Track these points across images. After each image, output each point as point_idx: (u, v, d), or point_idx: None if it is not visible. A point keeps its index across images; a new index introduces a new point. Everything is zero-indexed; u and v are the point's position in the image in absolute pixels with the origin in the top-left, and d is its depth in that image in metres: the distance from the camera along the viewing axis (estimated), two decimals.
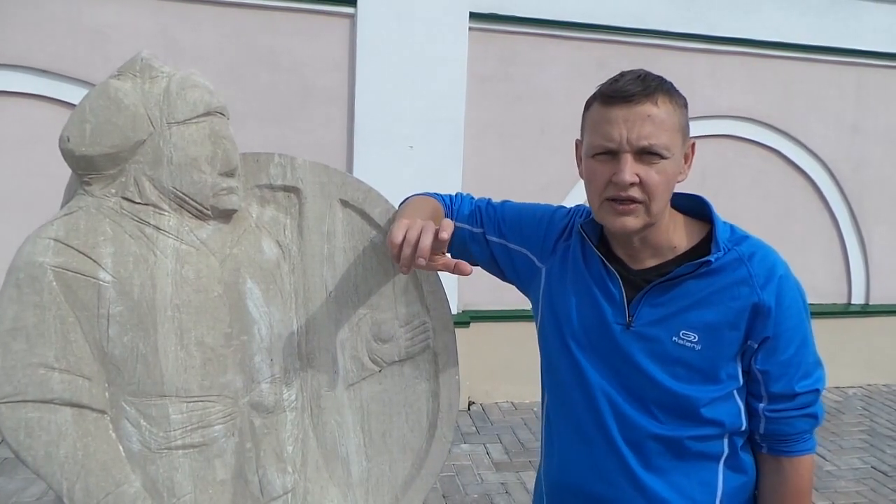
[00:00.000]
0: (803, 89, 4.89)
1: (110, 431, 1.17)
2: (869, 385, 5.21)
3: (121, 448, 1.17)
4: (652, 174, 1.07)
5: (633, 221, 1.10)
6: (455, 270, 1.09)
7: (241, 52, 3.95)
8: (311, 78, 4.07)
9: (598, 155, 1.11)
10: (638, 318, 1.16)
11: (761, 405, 1.14)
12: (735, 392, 1.15)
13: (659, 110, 1.06)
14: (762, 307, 1.10)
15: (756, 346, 1.12)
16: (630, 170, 1.06)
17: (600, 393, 1.19)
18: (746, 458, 1.20)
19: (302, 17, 4.01)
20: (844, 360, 5.13)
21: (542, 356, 1.37)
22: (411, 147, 4.13)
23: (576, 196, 4.48)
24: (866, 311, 5.16)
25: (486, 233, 1.38)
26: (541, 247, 1.33)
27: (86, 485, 1.15)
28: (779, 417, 1.14)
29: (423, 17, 4.06)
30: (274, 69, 4.01)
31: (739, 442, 1.19)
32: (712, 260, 1.11)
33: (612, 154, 1.08)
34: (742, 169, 4.84)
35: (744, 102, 4.76)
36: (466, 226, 1.39)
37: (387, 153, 4.10)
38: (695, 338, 1.12)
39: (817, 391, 1.14)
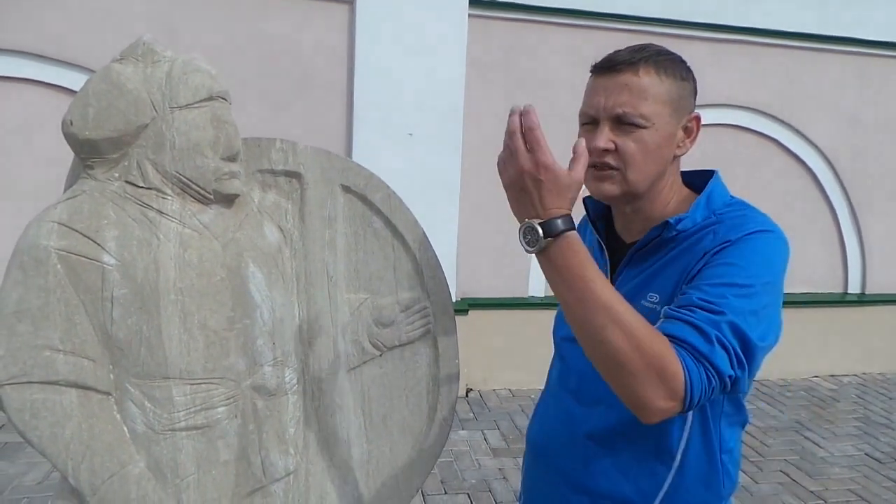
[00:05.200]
0: (803, 79, 4.88)
1: (115, 413, 1.19)
2: (864, 374, 5.25)
3: (125, 429, 1.19)
4: (628, 143, 1.08)
5: (609, 188, 1.11)
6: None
7: (239, 37, 3.93)
8: (310, 64, 4.06)
9: (584, 124, 1.14)
10: (618, 286, 1.15)
11: (664, 309, 1.01)
12: None
13: (640, 80, 1.07)
14: (710, 249, 1.03)
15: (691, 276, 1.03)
16: (604, 137, 1.08)
17: (576, 363, 1.21)
18: (709, 451, 1.14)
19: (301, 3, 3.99)
20: (840, 348, 5.16)
21: None
22: (411, 134, 4.12)
23: None
24: (862, 300, 5.19)
25: None
26: None
27: (91, 465, 1.16)
28: (670, 318, 0.98)
29: (423, 4, 4.04)
30: (273, 55, 3.99)
31: (703, 438, 1.13)
32: (671, 221, 1.10)
33: (595, 122, 1.11)
34: (741, 158, 4.84)
35: (744, 92, 4.76)
36: None
37: (386, 140, 4.09)
38: (656, 298, 1.10)
39: (723, 313, 0.95)
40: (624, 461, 1.16)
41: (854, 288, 5.24)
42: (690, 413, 1.12)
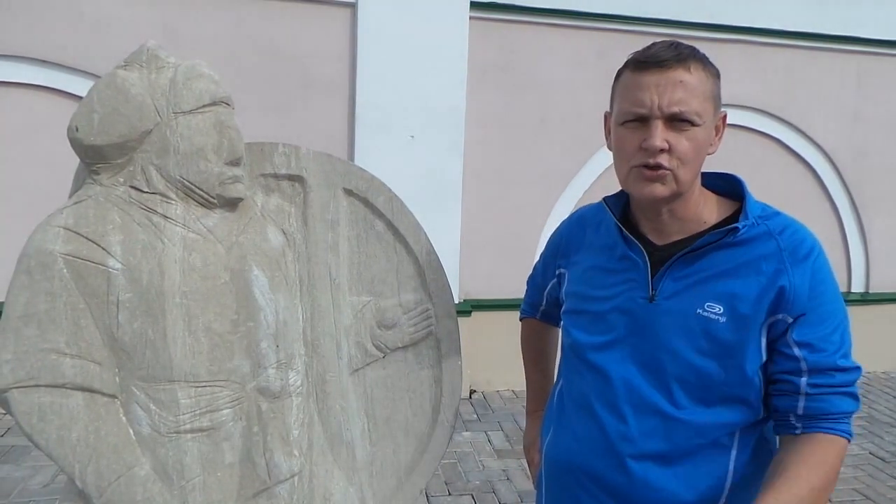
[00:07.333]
0: (804, 78, 4.88)
1: (121, 415, 1.20)
2: (868, 373, 5.23)
3: (131, 432, 1.20)
4: (682, 141, 1.05)
5: (661, 189, 1.08)
6: None
7: (241, 42, 3.95)
8: (312, 68, 4.07)
9: (628, 122, 1.09)
10: (661, 291, 1.13)
11: (802, 380, 1.07)
12: (759, 371, 1.10)
13: (691, 77, 1.04)
14: (793, 284, 1.06)
15: (791, 319, 1.06)
16: (660, 135, 1.04)
17: (617, 373, 1.16)
18: (762, 446, 1.15)
19: (303, 7, 4.01)
20: None
21: (562, 344, 1.35)
22: (412, 137, 4.13)
23: (576, 185, 4.48)
24: (866, 299, 5.18)
25: (546, 299, 1.49)
26: (566, 257, 1.35)
27: (97, 467, 1.17)
28: (821, 394, 1.06)
29: (424, 7, 4.05)
30: (275, 59, 4.01)
31: (754, 435, 1.14)
32: (739, 227, 1.08)
33: (643, 120, 1.06)
34: (743, 158, 4.83)
35: (745, 91, 4.75)
36: (545, 305, 1.50)
37: (388, 143, 4.10)
38: (720, 309, 1.08)
39: (858, 369, 1.08)
40: (685, 470, 1.13)
41: (857, 287, 5.23)
42: (745, 417, 1.12)
